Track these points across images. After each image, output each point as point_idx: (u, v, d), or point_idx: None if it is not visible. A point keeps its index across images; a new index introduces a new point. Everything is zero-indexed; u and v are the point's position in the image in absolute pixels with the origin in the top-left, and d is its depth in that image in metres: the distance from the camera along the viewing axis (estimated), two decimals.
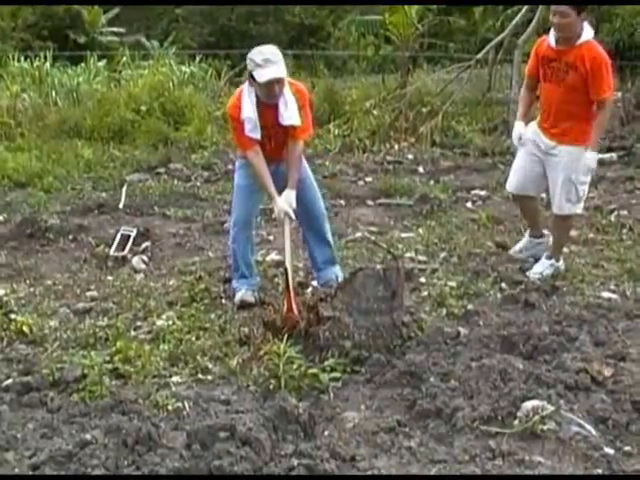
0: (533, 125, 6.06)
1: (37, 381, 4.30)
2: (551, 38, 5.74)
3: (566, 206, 5.90)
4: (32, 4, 22.90)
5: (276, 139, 5.49)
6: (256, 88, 5.29)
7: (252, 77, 5.23)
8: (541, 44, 5.89)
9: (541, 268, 6.01)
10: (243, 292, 5.64)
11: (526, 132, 5.99)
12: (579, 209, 6.04)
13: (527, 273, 6.00)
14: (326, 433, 3.80)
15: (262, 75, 5.16)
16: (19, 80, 14.37)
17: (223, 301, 5.63)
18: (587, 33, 5.62)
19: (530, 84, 6.10)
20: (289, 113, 5.34)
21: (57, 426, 3.85)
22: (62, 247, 7.09)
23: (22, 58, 15.71)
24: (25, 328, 5.04)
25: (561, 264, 6.09)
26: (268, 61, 5.18)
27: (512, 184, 6.31)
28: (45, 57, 15.31)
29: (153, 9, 24.31)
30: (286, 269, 5.00)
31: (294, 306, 4.82)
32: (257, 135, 5.35)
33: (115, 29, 27.46)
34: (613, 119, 13.20)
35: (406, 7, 14.65)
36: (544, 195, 8.65)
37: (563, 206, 5.90)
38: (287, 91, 5.34)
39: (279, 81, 5.24)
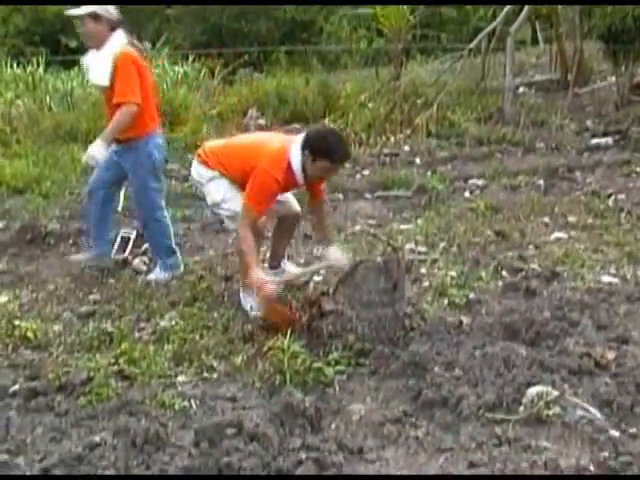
0: None
1: (44, 386, 4.30)
2: None
3: None
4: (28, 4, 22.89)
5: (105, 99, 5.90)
6: None
7: None
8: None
9: None
10: (83, 255, 6.55)
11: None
12: None
13: None
14: (333, 426, 3.82)
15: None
16: (13, 87, 14.37)
17: (225, 299, 5.64)
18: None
19: None
20: (94, 71, 5.80)
21: (66, 429, 3.86)
22: (63, 252, 7.09)
23: (15, 64, 15.70)
24: (29, 334, 5.03)
25: None
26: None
27: None
28: (38, 63, 15.30)
29: (143, 10, 24.27)
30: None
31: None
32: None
33: None
34: (608, 103, 13.26)
35: None
36: (541, 182, 8.72)
37: None
38: (108, 52, 5.64)
39: (82, 23, 5.68)
